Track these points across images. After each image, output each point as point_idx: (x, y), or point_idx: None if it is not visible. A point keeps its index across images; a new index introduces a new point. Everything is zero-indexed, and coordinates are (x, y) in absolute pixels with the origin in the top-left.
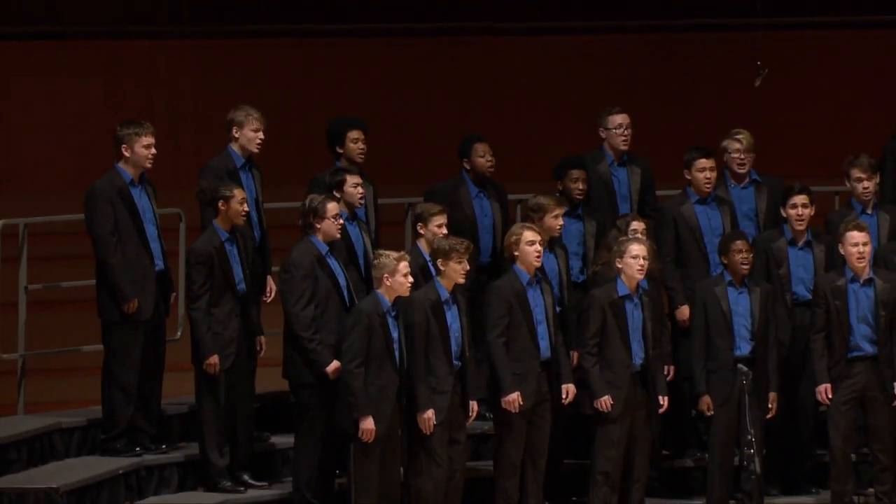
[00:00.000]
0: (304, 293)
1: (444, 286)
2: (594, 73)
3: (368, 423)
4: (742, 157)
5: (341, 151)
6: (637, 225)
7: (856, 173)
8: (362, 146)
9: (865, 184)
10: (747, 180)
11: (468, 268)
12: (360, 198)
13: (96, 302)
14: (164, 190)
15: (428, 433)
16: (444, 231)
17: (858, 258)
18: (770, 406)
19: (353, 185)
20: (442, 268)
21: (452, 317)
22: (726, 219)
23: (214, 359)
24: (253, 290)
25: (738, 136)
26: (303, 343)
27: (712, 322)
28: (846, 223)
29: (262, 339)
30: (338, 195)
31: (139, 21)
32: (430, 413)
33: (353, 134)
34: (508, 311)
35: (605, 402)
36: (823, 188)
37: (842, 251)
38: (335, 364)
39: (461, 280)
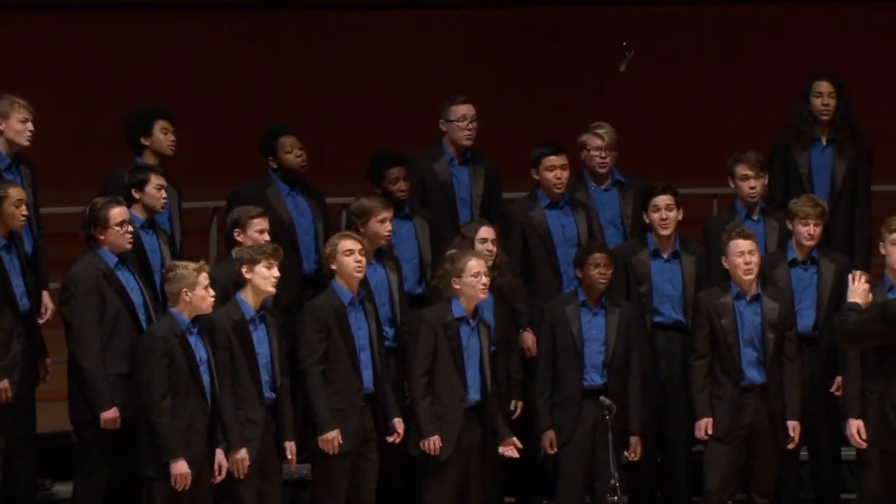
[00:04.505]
0: (87, 314)
1: (248, 302)
2: (431, 57)
3: (181, 467)
4: (603, 154)
5: (147, 143)
6: (486, 232)
7: (741, 170)
8: (172, 138)
9: (752, 183)
10: (609, 181)
11: (278, 274)
12: (163, 201)
13: None
14: None
15: (240, 476)
16: (267, 237)
17: (746, 271)
18: (632, 452)
19: (157, 187)
20: (247, 276)
21: (260, 339)
22: (583, 226)
23: (4, 383)
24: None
25: (598, 131)
26: (85, 377)
27: (560, 347)
28: (729, 230)
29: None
30: (137, 196)
31: None
32: (242, 453)
33: (162, 124)
34: (326, 334)
35: (433, 442)
36: (700, 191)
37: (725, 264)
38: (112, 413)
39: (271, 289)
